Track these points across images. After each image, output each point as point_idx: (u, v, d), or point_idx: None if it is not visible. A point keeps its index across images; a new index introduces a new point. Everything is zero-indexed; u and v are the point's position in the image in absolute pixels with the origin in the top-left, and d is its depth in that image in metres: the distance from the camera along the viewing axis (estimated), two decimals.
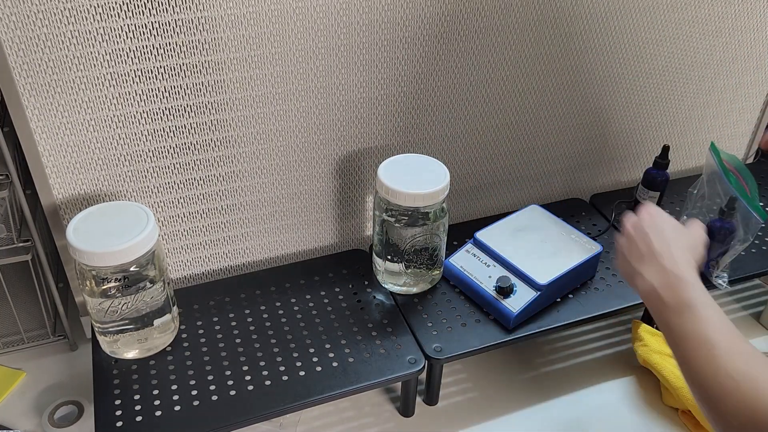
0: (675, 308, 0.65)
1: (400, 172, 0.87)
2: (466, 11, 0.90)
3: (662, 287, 0.68)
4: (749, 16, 1.11)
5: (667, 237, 0.73)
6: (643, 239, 0.74)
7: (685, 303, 0.65)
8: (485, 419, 0.90)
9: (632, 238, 0.75)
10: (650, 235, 0.73)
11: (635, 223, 0.77)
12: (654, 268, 0.70)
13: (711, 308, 0.64)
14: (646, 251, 0.72)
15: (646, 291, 0.70)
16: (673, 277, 0.68)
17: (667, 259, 0.70)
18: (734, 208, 0.96)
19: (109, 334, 0.82)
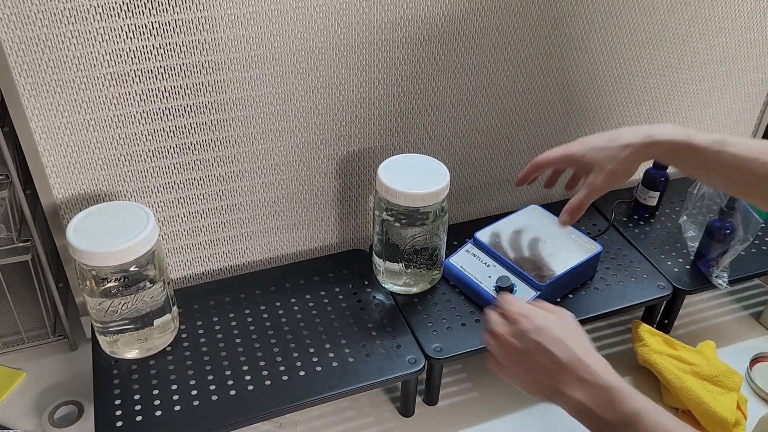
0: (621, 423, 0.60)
1: (401, 172, 0.87)
2: (465, 12, 0.90)
3: (597, 405, 0.61)
4: (749, 16, 1.11)
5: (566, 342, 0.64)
6: (540, 352, 0.65)
7: (630, 415, 0.59)
8: (485, 419, 0.90)
9: (523, 351, 0.66)
10: (545, 345, 0.64)
11: (516, 333, 0.67)
12: (574, 384, 0.63)
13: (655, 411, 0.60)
14: (553, 365, 0.64)
15: (579, 410, 0.63)
16: (602, 390, 0.61)
17: (583, 370, 0.63)
18: (734, 208, 0.96)
19: (109, 334, 0.82)
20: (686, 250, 1.04)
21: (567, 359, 0.63)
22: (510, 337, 0.67)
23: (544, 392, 0.66)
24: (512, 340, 0.67)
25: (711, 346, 0.96)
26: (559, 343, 0.64)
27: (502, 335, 0.68)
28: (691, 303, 1.09)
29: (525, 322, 0.67)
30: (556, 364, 0.64)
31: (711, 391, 0.88)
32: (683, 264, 1.02)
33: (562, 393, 0.63)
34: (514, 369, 0.68)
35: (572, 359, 0.63)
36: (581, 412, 0.62)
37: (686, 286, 0.98)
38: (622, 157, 0.78)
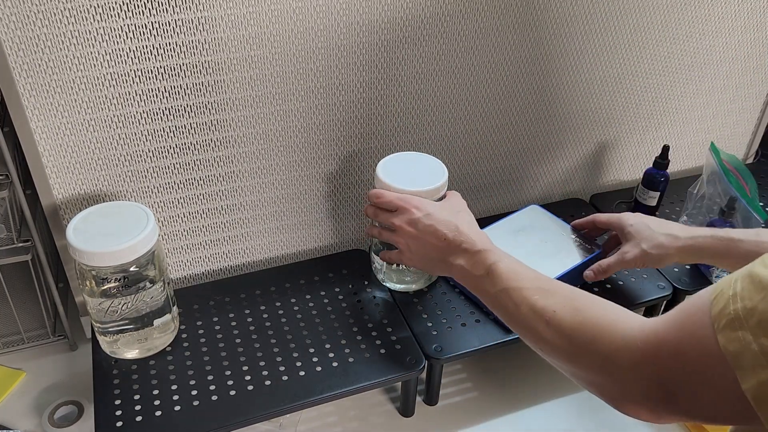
0: (485, 274, 0.72)
1: (399, 170, 0.87)
2: (465, 11, 0.90)
3: (471, 265, 0.74)
4: (749, 16, 1.11)
5: (452, 222, 0.78)
6: (432, 234, 0.78)
7: (491, 266, 0.72)
8: (485, 419, 0.90)
9: (417, 236, 0.79)
10: (436, 227, 0.78)
11: (411, 221, 0.80)
12: (458, 254, 0.76)
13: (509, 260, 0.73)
14: (442, 243, 0.77)
15: (460, 273, 0.76)
16: (475, 253, 0.75)
17: (465, 242, 0.76)
18: (734, 208, 0.96)
19: (109, 334, 0.82)
20: None
21: (452, 236, 0.77)
22: (407, 225, 0.80)
23: (436, 267, 0.80)
24: (409, 228, 0.80)
25: None
26: (446, 224, 0.78)
27: (400, 225, 0.81)
28: None
29: (417, 211, 0.80)
30: (444, 241, 0.77)
31: None
32: (683, 264, 1.02)
33: (450, 263, 0.77)
34: (412, 253, 0.81)
35: (456, 235, 0.77)
36: (462, 274, 0.76)
37: (686, 286, 0.98)
38: (658, 242, 0.85)
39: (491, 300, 0.72)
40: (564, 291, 0.67)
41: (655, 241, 0.85)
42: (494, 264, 0.72)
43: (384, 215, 0.83)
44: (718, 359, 0.46)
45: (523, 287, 0.68)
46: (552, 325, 0.63)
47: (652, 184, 1.09)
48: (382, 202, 0.83)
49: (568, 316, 0.62)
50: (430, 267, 0.82)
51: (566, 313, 0.63)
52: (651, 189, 1.09)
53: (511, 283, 0.70)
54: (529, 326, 0.66)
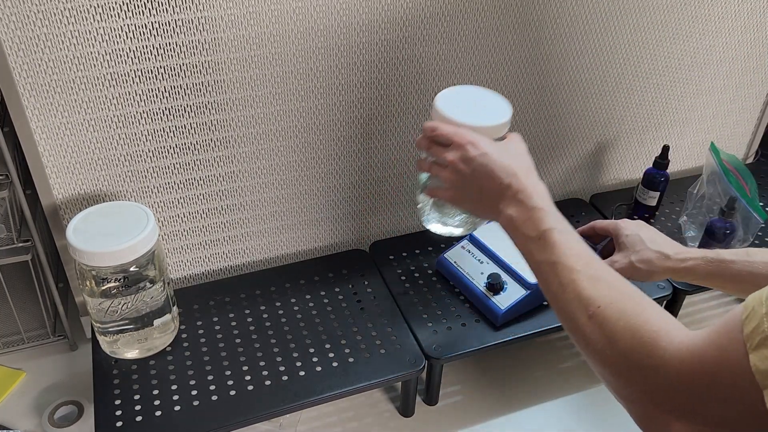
0: (536, 236, 0.66)
1: (459, 103, 0.79)
2: (465, 12, 0.90)
3: (522, 221, 0.68)
4: (749, 16, 1.11)
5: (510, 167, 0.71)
6: (486, 176, 0.71)
7: (544, 231, 0.66)
8: (485, 419, 0.90)
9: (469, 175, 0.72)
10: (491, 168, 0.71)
11: (465, 159, 0.72)
12: (511, 203, 0.69)
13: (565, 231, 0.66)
14: (495, 187, 0.70)
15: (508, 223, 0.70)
16: (530, 210, 0.68)
17: (520, 192, 0.69)
18: (734, 208, 0.96)
19: (109, 334, 0.82)
20: None
21: (507, 182, 0.70)
22: (461, 162, 0.73)
23: (484, 211, 0.73)
24: (462, 165, 0.72)
25: None
26: (503, 167, 0.70)
27: (453, 161, 0.73)
28: (691, 303, 1.09)
29: (473, 148, 0.72)
30: (498, 185, 0.70)
31: None
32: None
33: (500, 211, 0.70)
34: (460, 192, 0.74)
35: (512, 182, 0.70)
36: (510, 225, 0.69)
37: (686, 286, 0.98)
38: (646, 257, 0.83)
39: (535, 266, 0.67)
40: (615, 284, 0.62)
41: (644, 257, 0.83)
42: (549, 230, 0.66)
43: (437, 149, 0.75)
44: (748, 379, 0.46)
45: (574, 268, 0.63)
46: (594, 320, 0.59)
47: (652, 184, 1.09)
48: (437, 135, 0.75)
49: (612, 316, 0.58)
50: (478, 210, 0.75)
51: (611, 312, 0.58)
52: (651, 189, 1.09)
53: (562, 259, 0.64)
54: (569, 312, 0.62)
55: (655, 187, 1.08)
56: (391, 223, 1.07)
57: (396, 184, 1.03)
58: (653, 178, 1.08)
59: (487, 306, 0.90)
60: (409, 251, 1.02)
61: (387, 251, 1.02)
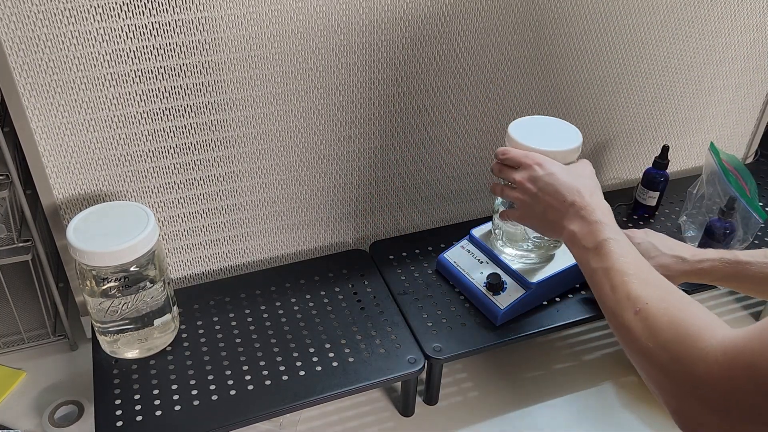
0: (593, 248, 0.70)
1: (532, 131, 0.85)
2: (465, 12, 0.90)
3: (582, 235, 0.72)
4: (749, 16, 1.11)
5: (574, 186, 0.76)
6: (551, 194, 0.76)
7: (600, 241, 0.70)
8: (485, 419, 0.90)
9: (536, 194, 0.78)
10: (556, 187, 0.76)
11: (531, 178, 0.78)
12: (574, 220, 0.74)
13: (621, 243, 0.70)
14: (560, 205, 0.75)
15: (570, 239, 0.74)
16: (590, 223, 0.72)
17: (583, 209, 0.74)
18: (734, 208, 0.96)
19: (109, 333, 0.82)
20: None
21: (571, 200, 0.74)
22: (528, 182, 0.78)
23: (550, 228, 0.78)
24: (529, 185, 0.78)
25: None
26: (567, 186, 0.75)
27: (521, 181, 0.79)
28: None
29: (539, 169, 0.78)
30: (562, 203, 0.75)
31: None
32: None
33: (563, 227, 0.75)
34: (529, 211, 0.79)
35: (576, 200, 0.74)
36: (571, 240, 0.74)
37: (686, 286, 0.98)
38: (664, 264, 0.86)
39: (589, 274, 0.70)
40: (662, 285, 0.65)
41: (661, 262, 0.86)
42: (605, 240, 0.70)
43: (507, 171, 0.81)
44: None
45: (626, 272, 0.66)
46: (640, 315, 0.62)
47: (652, 184, 1.09)
48: (508, 158, 0.81)
49: (657, 312, 0.61)
50: (544, 228, 0.80)
51: (657, 308, 0.61)
52: (651, 189, 1.09)
53: (616, 264, 0.67)
54: (617, 311, 0.65)
55: (654, 187, 1.08)
56: (391, 223, 1.08)
57: (396, 184, 1.03)
58: (653, 178, 1.08)
59: (487, 306, 0.90)
60: (409, 251, 1.02)
61: (387, 251, 1.02)
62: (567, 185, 0.76)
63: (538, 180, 0.77)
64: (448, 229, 1.08)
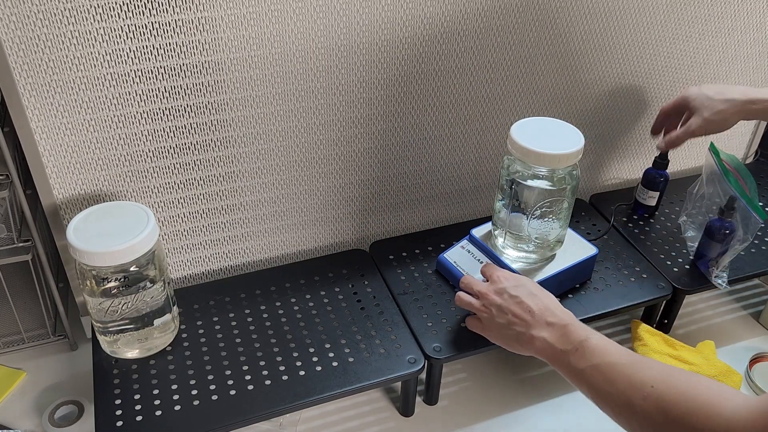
0: (572, 349, 0.71)
1: (534, 133, 0.85)
2: (465, 12, 0.90)
3: (555, 339, 0.73)
4: (749, 16, 1.11)
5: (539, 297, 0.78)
6: (518, 305, 0.78)
7: (579, 340, 0.71)
8: (485, 419, 0.90)
9: (502, 306, 0.79)
10: (523, 298, 0.78)
11: (498, 291, 0.80)
12: (543, 328, 0.75)
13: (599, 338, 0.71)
14: (527, 315, 0.76)
15: (542, 347, 0.75)
16: (561, 327, 0.74)
17: (550, 316, 0.75)
18: (734, 208, 0.96)
19: (109, 333, 0.82)
20: (686, 250, 1.04)
21: (538, 309, 0.76)
22: (493, 294, 0.80)
23: (515, 341, 0.78)
24: (494, 297, 0.80)
25: (710, 346, 0.96)
26: (533, 297, 0.78)
27: (486, 293, 0.81)
28: (691, 303, 1.09)
29: (506, 281, 0.80)
30: (529, 313, 0.76)
31: None
32: (683, 264, 1.02)
33: (532, 336, 0.75)
34: (493, 324, 0.80)
35: (543, 309, 0.76)
36: (544, 348, 0.74)
37: (686, 286, 0.98)
38: (719, 110, 0.93)
39: (577, 375, 0.71)
40: (659, 366, 0.66)
41: (715, 109, 0.93)
42: (586, 340, 0.71)
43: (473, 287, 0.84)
44: None
45: (617, 362, 0.67)
46: (649, 400, 0.62)
47: (652, 184, 1.09)
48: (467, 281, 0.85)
49: (667, 391, 0.61)
50: (509, 341, 0.79)
51: (664, 387, 0.61)
52: (651, 189, 1.09)
53: (604, 359, 0.68)
54: (623, 402, 0.65)
55: (654, 187, 1.08)
56: (391, 223, 1.08)
57: (396, 184, 1.03)
58: (653, 178, 1.08)
59: None
60: (409, 251, 1.02)
61: (387, 251, 1.02)
62: (532, 297, 0.78)
63: (503, 292, 0.79)
64: (448, 229, 1.08)
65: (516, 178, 0.87)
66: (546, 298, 0.78)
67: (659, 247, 1.05)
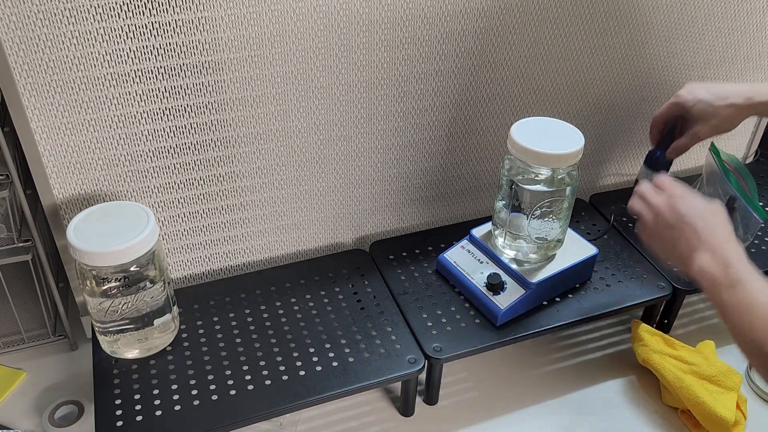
0: (727, 285, 0.71)
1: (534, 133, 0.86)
2: (465, 12, 0.90)
3: (714, 267, 0.72)
4: (749, 16, 1.11)
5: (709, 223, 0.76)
6: (687, 226, 0.76)
7: (736, 279, 0.70)
8: (485, 419, 0.90)
9: (671, 223, 0.77)
10: (693, 221, 0.76)
11: (671, 206, 0.78)
12: (705, 254, 0.74)
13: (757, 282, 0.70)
14: (693, 238, 0.75)
15: (700, 270, 0.74)
16: (724, 260, 0.73)
17: (718, 246, 0.74)
18: (734, 208, 0.96)
19: (109, 333, 0.82)
20: None
21: (705, 236, 0.75)
22: (665, 207, 0.78)
23: (677, 258, 0.77)
24: (665, 211, 0.78)
25: (710, 346, 0.96)
26: (704, 225, 0.76)
27: (657, 205, 0.79)
28: (691, 303, 1.09)
29: (680, 199, 0.78)
30: (696, 238, 0.75)
31: (710, 391, 0.88)
32: None
33: (693, 259, 0.74)
34: (658, 236, 0.79)
35: (710, 237, 0.75)
36: (701, 272, 0.73)
37: (686, 286, 0.98)
38: (725, 115, 0.91)
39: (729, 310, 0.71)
40: None
41: (722, 115, 0.91)
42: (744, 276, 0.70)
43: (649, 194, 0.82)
44: None
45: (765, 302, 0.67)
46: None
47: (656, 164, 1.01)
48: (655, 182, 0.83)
49: None
50: (669, 254, 0.79)
51: None
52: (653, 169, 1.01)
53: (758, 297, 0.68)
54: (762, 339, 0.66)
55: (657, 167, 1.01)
56: (391, 223, 1.08)
57: (396, 184, 1.03)
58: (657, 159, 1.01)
59: (487, 306, 0.90)
60: (409, 251, 1.02)
61: (387, 251, 1.02)
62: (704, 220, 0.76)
63: (676, 209, 0.78)
64: (448, 229, 1.08)
65: (515, 178, 0.87)
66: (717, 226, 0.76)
67: None
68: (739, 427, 0.87)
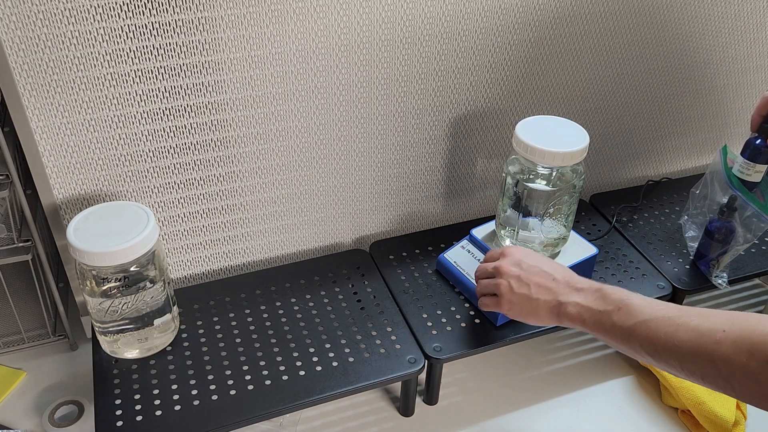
0: (615, 310, 0.68)
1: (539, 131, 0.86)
2: (465, 11, 0.90)
3: (592, 301, 0.70)
4: (749, 16, 1.11)
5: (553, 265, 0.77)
6: (539, 273, 0.76)
7: (620, 299, 0.68)
8: (485, 419, 0.90)
9: (523, 277, 0.77)
10: (542, 266, 0.76)
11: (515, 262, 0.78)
12: (572, 293, 0.73)
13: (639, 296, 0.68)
14: (551, 282, 0.75)
15: (578, 312, 0.72)
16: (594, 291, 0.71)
17: (576, 282, 0.74)
18: (734, 208, 0.95)
19: (109, 333, 0.82)
20: (686, 250, 1.04)
21: (561, 276, 0.75)
22: (510, 266, 0.78)
23: (543, 312, 0.75)
24: (512, 268, 0.78)
25: None
26: (550, 265, 0.77)
27: (501, 267, 0.79)
28: (691, 303, 1.09)
29: (517, 253, 0.79)
30: (552, 280, 0.75)
31: (710, 391, 0.88)
32: (683, 264, 1.02)
33: (562, 303, 0.73)
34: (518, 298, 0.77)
35: (565, 275, 0.75)
36: (580, 312, 0.71)
37: (686, 286, 0.98)
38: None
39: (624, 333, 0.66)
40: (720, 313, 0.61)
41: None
42: (627, 299, 0.67)
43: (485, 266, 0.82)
44: None
45: (671, 315, 0.62)
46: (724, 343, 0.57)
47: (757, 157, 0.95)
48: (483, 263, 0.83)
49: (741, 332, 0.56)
50: (535, 312, 0.76)
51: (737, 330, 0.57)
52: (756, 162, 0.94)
53: (655, 313, 0.64)
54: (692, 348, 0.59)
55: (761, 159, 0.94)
56: (391, 223, 1.08)
57: (396, 184, 1.03)
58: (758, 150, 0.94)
59: None
60: (409, 251, 1.02)
61: (387, 251, 1.02)
62: (551, 265, 0.76)
63: (521, 263, 0.78)
64: (448, 229, 1.08)
65: (520, 177, 0.88)
66: (563, 267, 0.76)
67: (659, 247, 1.05)
68: (739, 427, 0.87)
